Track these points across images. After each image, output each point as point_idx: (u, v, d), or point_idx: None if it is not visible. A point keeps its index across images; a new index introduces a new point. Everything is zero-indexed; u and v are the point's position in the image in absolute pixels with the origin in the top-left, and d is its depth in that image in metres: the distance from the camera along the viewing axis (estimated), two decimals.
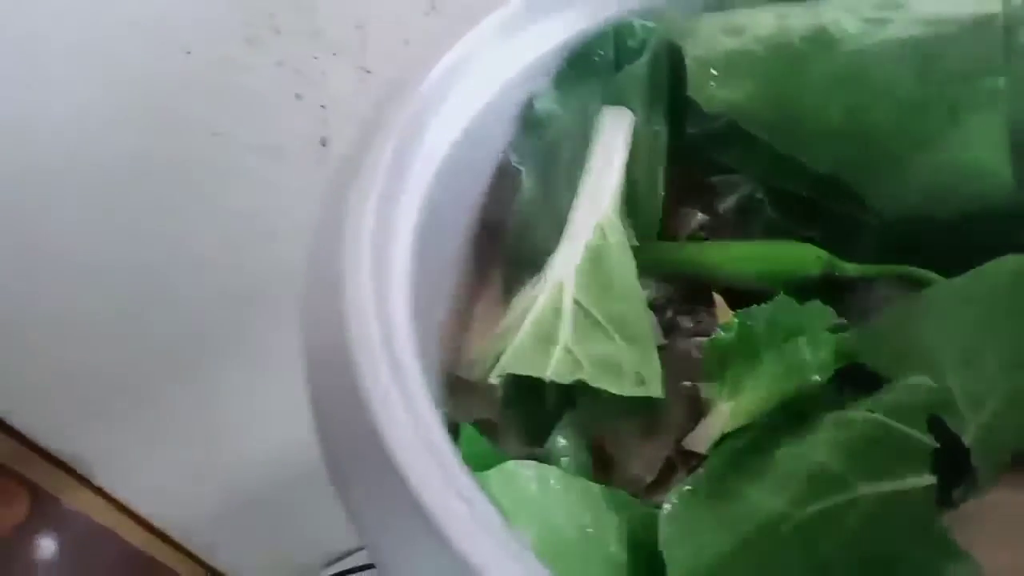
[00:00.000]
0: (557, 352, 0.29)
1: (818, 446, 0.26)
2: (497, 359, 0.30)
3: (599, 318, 0.30)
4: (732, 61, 0.33)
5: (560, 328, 0.30)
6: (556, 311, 0.30)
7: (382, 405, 0.23)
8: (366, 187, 0.28)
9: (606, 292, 0.31)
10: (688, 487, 0.26)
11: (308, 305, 0.27)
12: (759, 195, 0.35)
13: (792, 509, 0.25)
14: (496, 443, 0.30)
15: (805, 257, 0.33)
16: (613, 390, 0.29)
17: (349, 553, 0.82)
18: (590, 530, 0.26)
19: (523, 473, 0.26)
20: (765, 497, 0.26)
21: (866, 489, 0.25)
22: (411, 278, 0.28)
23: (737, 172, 0.35)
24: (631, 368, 0.29)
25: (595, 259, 0.32)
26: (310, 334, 0.26)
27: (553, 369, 0.29)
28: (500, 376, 0.29)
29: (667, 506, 0.26)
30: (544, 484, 0.26)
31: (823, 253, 0.32)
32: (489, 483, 0.24)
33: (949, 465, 0.25)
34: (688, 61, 0.33)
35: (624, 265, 0.32)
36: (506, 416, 0.31)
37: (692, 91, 0.33)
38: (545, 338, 0.30)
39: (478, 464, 0.24)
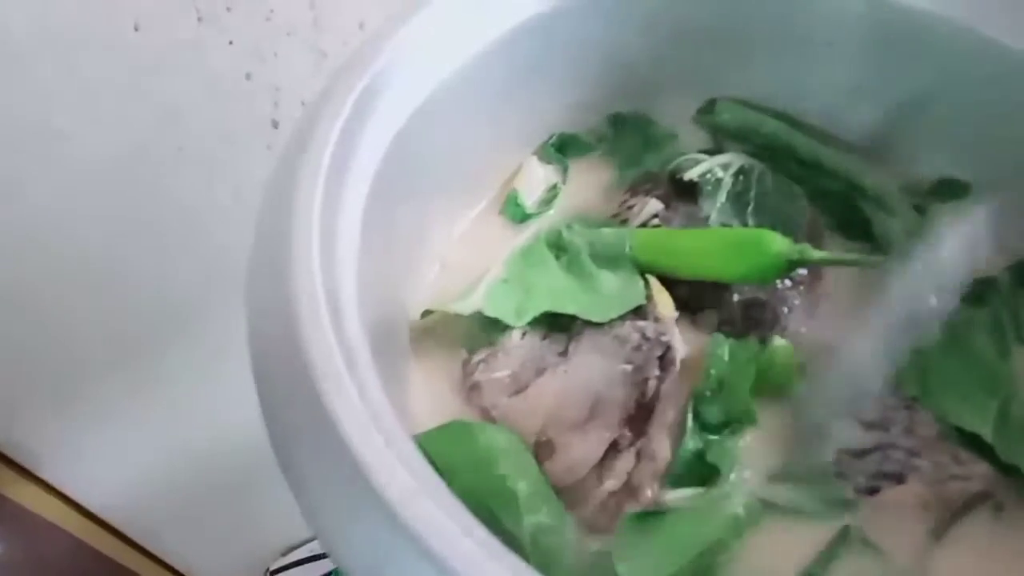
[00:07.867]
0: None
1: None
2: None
3: None
4: None
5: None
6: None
7: (330, 382, 0.23)
8: (314, 165, 0.27)
9: None
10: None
11: (254, 283, 0.27)
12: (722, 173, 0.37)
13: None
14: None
15: (769, 244, 0.33)
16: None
17: (298, 545, 0.81)
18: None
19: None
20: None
21: None
22: (359, 256, 0.28)
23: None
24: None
25: None
26: (255, 306, 0.26)
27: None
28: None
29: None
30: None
31: (786, 241, 0.32)
32: (430, 444, 0.25)
33: None
34: None
35: None
36: None
37: None
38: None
39: None
